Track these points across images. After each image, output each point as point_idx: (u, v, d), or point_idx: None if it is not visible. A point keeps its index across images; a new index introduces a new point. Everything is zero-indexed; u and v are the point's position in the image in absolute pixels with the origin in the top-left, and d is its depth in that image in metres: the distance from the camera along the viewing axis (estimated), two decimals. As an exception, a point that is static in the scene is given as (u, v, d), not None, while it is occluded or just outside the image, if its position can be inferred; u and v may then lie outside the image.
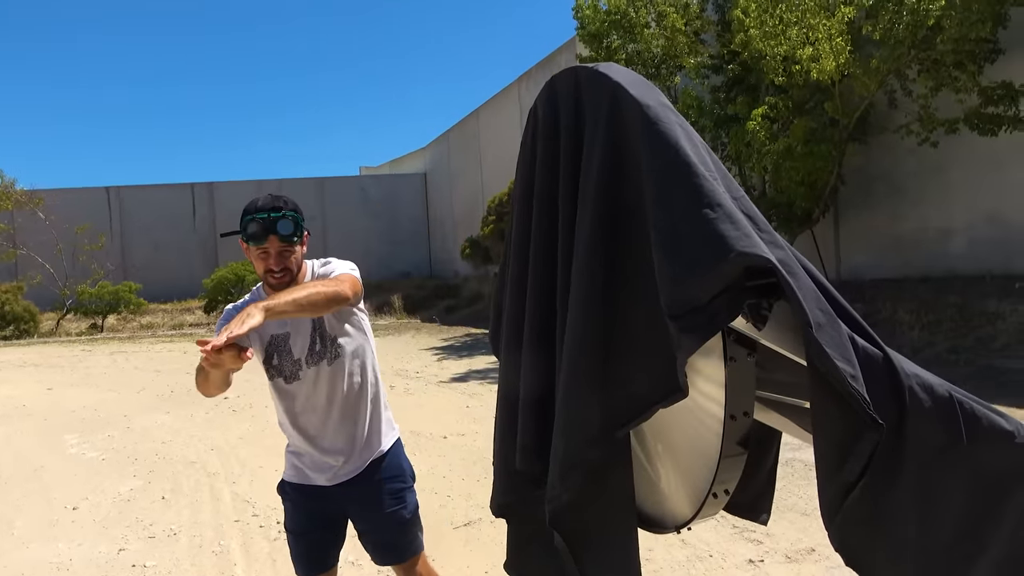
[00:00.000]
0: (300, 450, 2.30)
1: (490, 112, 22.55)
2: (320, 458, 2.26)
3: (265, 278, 2.15)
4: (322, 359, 2.21)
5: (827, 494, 1.15)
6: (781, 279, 1.08)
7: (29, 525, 4.67)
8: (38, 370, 12.36)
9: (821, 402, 1.15)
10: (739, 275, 1.12)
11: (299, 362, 2.21)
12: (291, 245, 2.11)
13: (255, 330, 2.07)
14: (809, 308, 1.10)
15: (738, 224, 1.12)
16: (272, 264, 2.10)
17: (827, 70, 8.77)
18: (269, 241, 2.08)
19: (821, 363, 1.09)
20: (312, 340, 2.21)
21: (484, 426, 6.70)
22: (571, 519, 1.46)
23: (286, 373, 2.22)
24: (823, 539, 3.67)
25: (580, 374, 1.37)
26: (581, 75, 1.49)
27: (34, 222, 21.10)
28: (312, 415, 2.24)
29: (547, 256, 1.56)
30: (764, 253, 1.09)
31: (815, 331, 1.09)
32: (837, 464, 1.13)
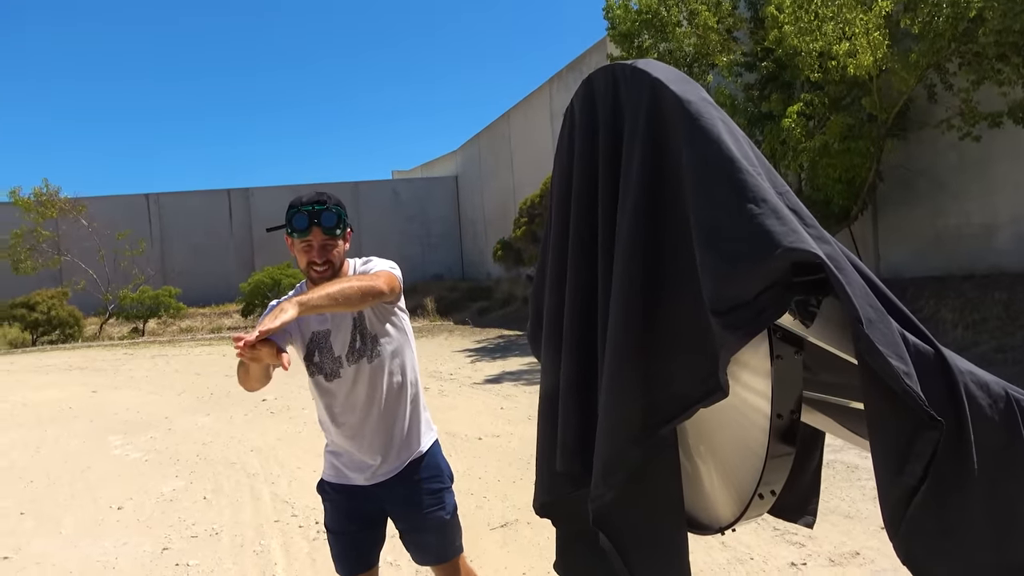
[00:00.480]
0: (339, 449, 2.31)
1: (520, 114, 22.57)
2: (359, 457, 2.27)
3: (308, 271, 2.17)
4: (362, 357, 2.22)
5: (889, 501, 1.10)
6: (830, 274, 1.06)
7: (76, 524, 4.78)
8: (83, 373, 12.66)
9: (875, 402, 1.11)
10: (786, 271, 1.10)
11: (340, 359, 2.22)
12: (334, 238, 2.14)
13: (297, 327, 2.18)
14: (859, 304, 1.07)
15: (784, 219, 1.10)
16: (315, 256, 2.13)
17: (864, 65, 8.61)
18: (313, 233, 2.11)
19: (873, 360, 1.06)
20: (353, 337, 2.22)
21: (518, 427, 6.70)
22: (616, 519, 1.45)
23: (327, 371, 2.22)
24: (867, 542, 3.60)
25: (622, 373, 1.36)
26: (619, 72, 1.48)
27: (77, 229, 21.65)
28: (352, 413, 2.24)
29: (587, 255, 1.55)
30: (812, 248, 1.07)
31: (866, 327, 1.06)
32: (897, 467, 1.08)
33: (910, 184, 10.45)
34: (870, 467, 4.10)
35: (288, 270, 19.29)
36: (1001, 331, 8.10)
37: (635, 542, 1.45)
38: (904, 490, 1.09)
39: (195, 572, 3.88)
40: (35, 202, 20.92)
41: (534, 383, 9.01)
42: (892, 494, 1.09)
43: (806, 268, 1.10)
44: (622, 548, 1.45)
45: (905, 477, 1.08)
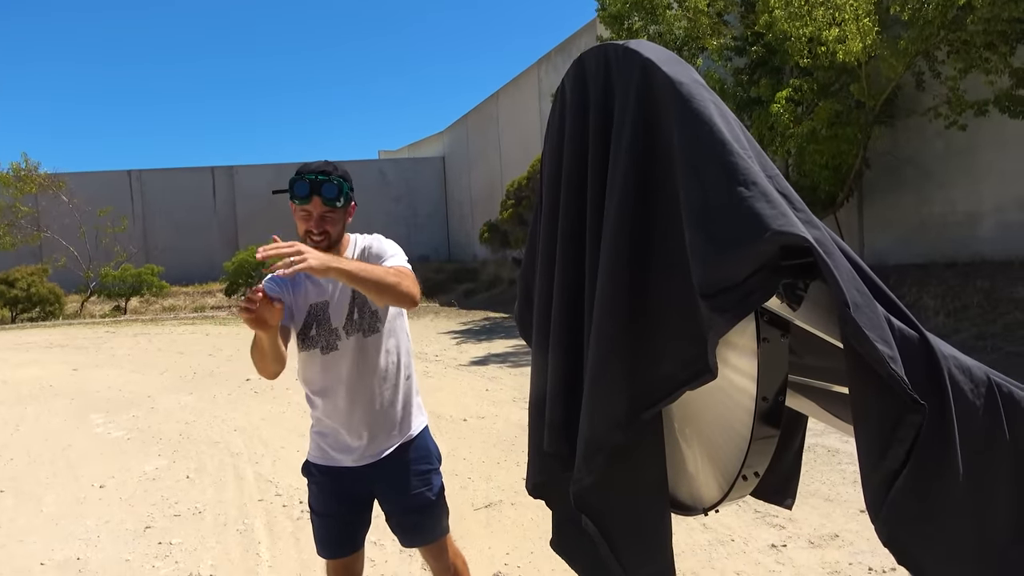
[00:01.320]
0: (327, 429, 2.26)
1: (509, 96, 22.44)
2: (347, 437, 2.23)
3: (304, 239, 2.14)
4: (360, 330, 2.19)
5: (871, 484, 1.11)
6: (818, 258, 1.06)
7: (58, 502, 4.75)
8: (64, 351, 12.55)
9: (860, 387, 1.12)
10: (774, 254, 1.10)
11: (336, 331, 2.18)
12: (333, 209, 2.12)
13: (294, 299, 2.17)
14: (846, 288, 1.07)
15: (774, 203, 1.10)
16: (312, 225, 2.11)
17: (853, 51, 8.62)
18: (312, 202, 2.09)
19: (859, 344, 1.06)
20: (351, 309, 2.19)
21: (503, 409, 6.72)
22: (599, 502, 1.46)
23: (323, 343, 2.19)
24: (846, 525, 3.65)
25: (607, 355, 1.36)
26: (611, 52, 1.47)
27: (57, 205, 21.38)
28: (344, 389, 2.20)
29: (575, 236, 1.55)
30: (800, 232, 1.07)
31: (853, 311, 1.06)
32: (880, 451, 1.09)
33: (896, 171, 10.51)
34: (851, 451, 4.16)
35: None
36: (982, 319, 8.21)
37: (619, 525, 1.45)
38: (886, 473, 1.10)
39: (178, 550, 3.87)
40: (13, 177, 20.60)
41: (519, 365, 9.03)
42: (874, 477, 1.10)
43: (794, 252, 1.10)
44: (606, 531, 1.46)
45: (887, 461, 1.09)
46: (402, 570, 3.50)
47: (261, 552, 3.80)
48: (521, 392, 7.39)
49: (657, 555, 1.45)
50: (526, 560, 3.52)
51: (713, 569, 3.29)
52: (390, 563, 3.56)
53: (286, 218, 2.28)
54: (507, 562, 3.52)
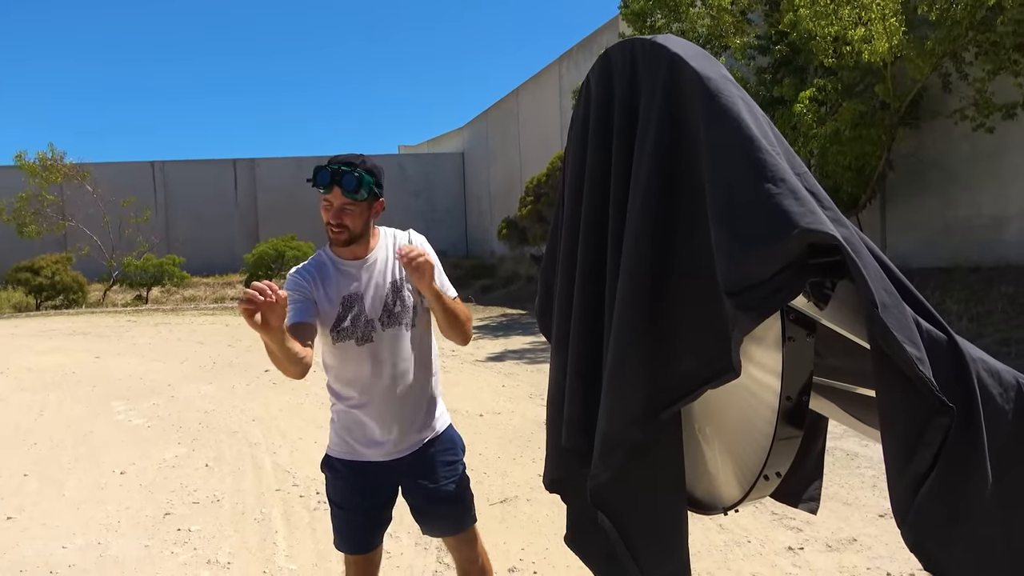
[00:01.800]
0: (354, 423, 2.21)
1: (529, 92, 22.41)
2: (376, 432, 2.20)
3: (326, 230, 2.15)
4: (400, 323, 2.18)
5: (898, 488, 1.09)
6: (846, 257, 1.05)
7: (79, 487, 4.82)
8: (86, 339, 12.72)
9: (887, 389, 1.10)
10: (802, 252, 1.09)
11: (372, 323, 2.16)
12: (354, 202, 2.08)
13: (324, 292, 2.15)
14: (875, 287, 1.06)
15: (802, 200, 1.09)
16: (331, 217, 2.09)
17: (879, 52, 8.52)
18: (333, 192, 2.06)
19: (886, 344, 1.05)
20: (389, 301, 2.18)
21: (519, 405, 6.72)
22: (615, 499, 1.45)
23: (359, 334, 2.15)
24: (864, 529, 3.62)
25: (627, 351, 1.35)
26: (637, 47, 1.46)
27: (82, 195, 21.65)
28: (379, 382, 2.17)
29: (599, 231, 1.54)
30: (829, 230, 1.06)
31: (880, 311, 1.05)
32: (906, 454, 1.07)
33: (920, 174, 10.38)
34: (870, 455, 4.14)
35: (292, 242, 19.27)
36: (1006, 324, 8.09)
37: (635, 523, 1.45)
38: (913, 477, 1.08)
39: (196, 538, 3.92)
40: (40, 167, 20.89)
41: (536, 362, 9.03)
42: (900, 481, 1.08)
43: (822, 250, 1.09)
44: (622, 528, 1.45)
45: (914, 464, 1.08)
46: (418, 562, 3.52)
47: (278, 541, 3.84)
48: (537, 388, 7.39)
49: (673, 554, 1.45)
50: (541, 556, 3.53)
51: (729, 570, 3.27)
52: (406, 555, 3.58)
53: (306, 211, 2.31)
54: (522, 557, 3.53)
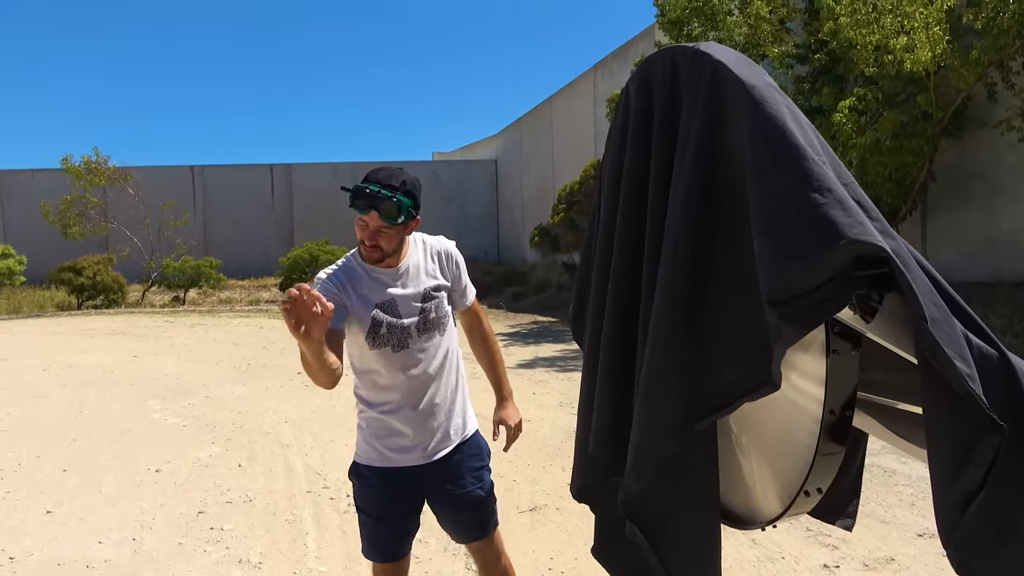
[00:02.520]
0: (385, 430, 2.22)
1: (563, 100, 22.42)
2: (409, 438, 2.21)
3: (359, 246, 2.18)
4: (434, 329, 2.22)
5: (944, 506, 1.05)
6: (895, 269, 1.02)
7: (116, 484, 4.91)
8: (125, 338, 12.99)
9: (935, 405, 1.07)
10: (849, 264, 1.06)
11: (408, 329, 2.18)
12: (391, 226, 2.09)
13: (357, 298, 2.16)
14: (924, 301, 1.03)
15: (850, 210, 1.07)
16: (366, 237, 2.11)
17: (922, 61, 8.36)
18: (370, 215, 2.07)
19: (935, 359, 1.02)
20: (422, 308, 2.22)
21: (549, 413, 6.70)
22: (646, 510, 1.43)
23: (394, 341, 2.17)
24: (903, 549, 3.53)
25: (664, 361, 1.33)
26: (679, 54, 1.45)
27: (124, 197, 22.15)
28: (414, 388, 2.20)
29: (634, 240, 1.53)
30: (877, 241, 1.03)
31: (930, 325, 1.02)
32: (954, 473, 1.04)
33: (963, 185, 10.15)
34: (908, 472, 4.04)
35: (326, 246, 19.49)
36: (1051, 341, 7.86)
37: (667, 534, 1.43)
38: (960, 496, 1.05)
39: (229, 537, 3.96)
40: (84, 170, 21.42)
41: (567, 369, 9.00)
42: (947, 500, 1.05)
43: (869, 262, 1.07)
44: (653, 540, 1.43)
45: (962, 483, 1.04)
46: (446, 568, 3.51)
47: (308, 543, 3.86)
48: (568, 396, 7.36)
49: (706, 569, 1.42)
50: (570, 565, 3.50)
51: (761, 586, 3.21)
52: (434, 560, 3.58)
53: (341, 217, 2.34)
54: (551, 567, 3.50)
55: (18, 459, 5.51)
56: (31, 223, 23.13)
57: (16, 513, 4.38)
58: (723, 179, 1.28)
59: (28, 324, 15.85)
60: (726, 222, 1.27)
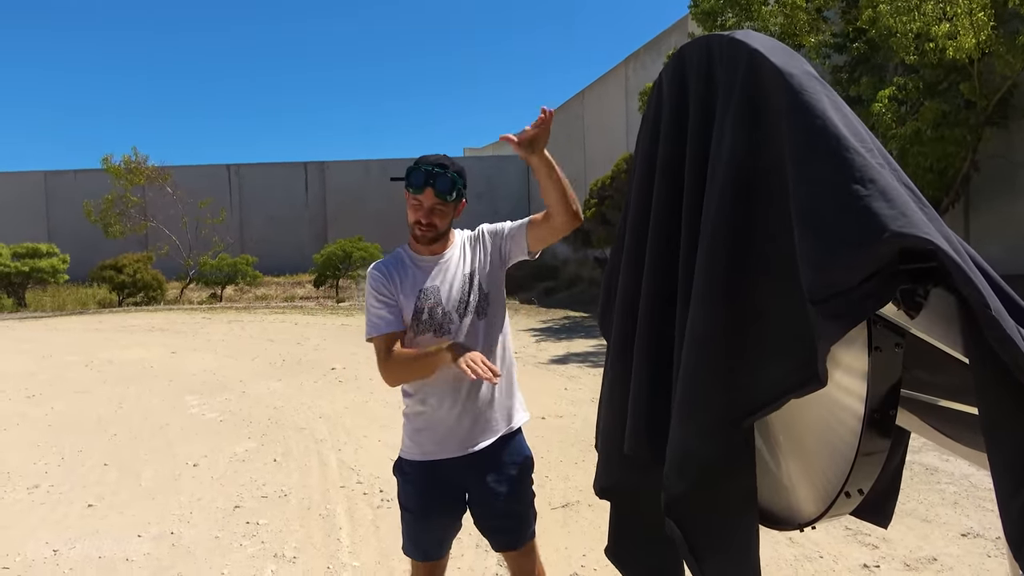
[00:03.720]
0: (427, 422, 2.23)
1: (595, 94, 22.27)
2: (450, 427, 2.20)
3: (412, 228, 2.21)
4: (473, 312, 2.22)
5: (1011, 513, 0.99)
6: (948, 261, 0.98)
7: (155, 477, 5.00)
8: (164, 335, 13.24)
9: (995, 402, 1.01)
10: (892, 257, 1.02)
11: (449, 314, 2.20)
12: (444, 203, 2.16)
13: (399, 285, 2.21)
14: (986, 291, 0.98)
15: (893, 202, 1.02)
16: (421, 216, 2.16)
17: (965, 48, 8.12)
18: (425, 193, 2.14)
19: (1004, 351, 0.96)
20: (465, 291, 2.23)
21: (582, 409, 6.66)
22: (688, 509, 1.40)
23: (436, 325, 2.19)
24: (946, 548, 3.44)
25: (704, 360, 1.30)
26: (714, 43, 1.41)
27: (162, 196, 22.55)
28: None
29: (669, 236, 1.49)
30: (923, 234, 0.98)
31: (996, 315, 0.97)
32: (1019, 476, 0.98)
33: (1009, 176, 9.85)
34: (951, 470, 3.93)
35: (359, 243, 19.64)
36: (1102, 336, 7.59)
37: (706, 533, 1.40)
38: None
39: (264, 531, 4.01)
40: (125, 169, 21.85)
41: (599, 365, 8.95)
42: (1012, 505, 0.99)
43: (914, 255, 1.02)
44: (692, 538, 1.40)
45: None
46: (478, 565, 3.51)
47: (342, 538, 3.89)
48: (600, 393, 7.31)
49: (744, 567, 1.39)
50: (603, 563, 3.46)
51: (799, 586, 3.15)
52: (467, 556, 3.58)
53: (373, 214, 2.35)
54: (584, 564, 3.48)
55: (61, 453, 5.65)
56: (75, 222, 23.70)
57: (59, 506, 4.48)
58: (762, 171, 1.24)
59: (71, 321, 16.25)
60: (765, 214, 1.23)
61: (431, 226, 2.17)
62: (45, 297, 20.00)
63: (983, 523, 3.74)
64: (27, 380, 8.81)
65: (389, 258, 2.31)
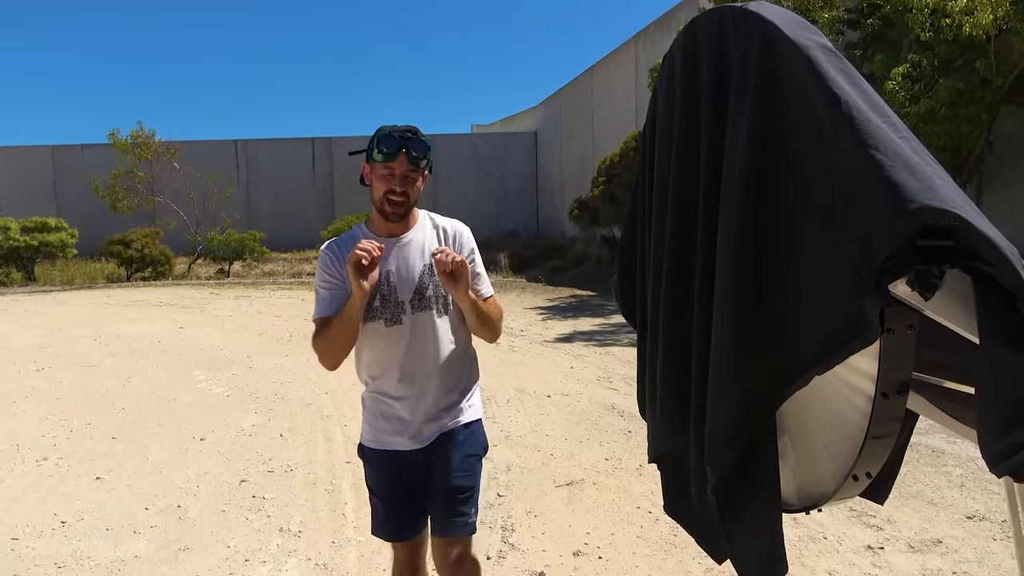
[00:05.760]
0: (382, 407, 2.17)
1: (604, 71, 22.04)
2: (402, 417, 2.14)
3: (382, 202, 2.09)
4: (431, 308, 2.12)
5: (990, 448, 0.99)
6: (979, 239, 0.94)
7: (162, 451, 5.04)
8: (172, 310, 13.29)
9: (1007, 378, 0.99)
10: (913, 232, 0.98)
11: (402, 304, 2.10)
12: (417, 169, 2.07)
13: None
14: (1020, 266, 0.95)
15: (918, 174, 0.99)
16: (396, 184, 2.05)
17: (983, 24, 7.97)
18: (398, 160, 2.04)
19: None
20: (420, 284, 2.12)
21: (587, 388, 6.66)
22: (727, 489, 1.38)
23: (387, 316, 2.10)
24: (951, 531, 3.43)
25: (732, 345, 1.26)
26: (727, 15, 1.37)
27: (170, 171, 22.54)
28: (406, 365, 2.11)
29: (688, 210, 1.46)
30: (950, 208, 0.95)
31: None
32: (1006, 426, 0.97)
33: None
34: (958, 452, 3.91)
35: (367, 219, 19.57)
36: (1114, 318, 7.53)
37: (735, 506, 1.36)
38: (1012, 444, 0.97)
39: (270, 505, 4.03)
40: (132, 144, 21.82)
41: (605, 344, 8.94)
42: (995, 445, 0.97)
43: (932, 232, 0.99)
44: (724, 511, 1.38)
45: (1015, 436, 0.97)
46: (482, 540, 3.52)
47: (347, 512, 3.91)
48: (606, 371, 7.31)
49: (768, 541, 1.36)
50: (607, 541, 3.48)
51: (804, 567, 3.15)
52: (471, 533, 3.58)
53: None
54: (587, 542, 3.49)
55: (70, 427, 5.69)
56: (83, 197, 23.74)
57: (68, 479, 4.52)
58: (779, 146, 1.20)
59: (80, 295, 16.33)
60: (786, 190, 1.20)
61: (405, 195, 2.06)
62: (54, 271, 20.08)
63: (989, 506, 3.73)
64: (36, 354, 8.87)
65: (344, 236, 2.21)
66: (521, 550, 3.40)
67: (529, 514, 3.81)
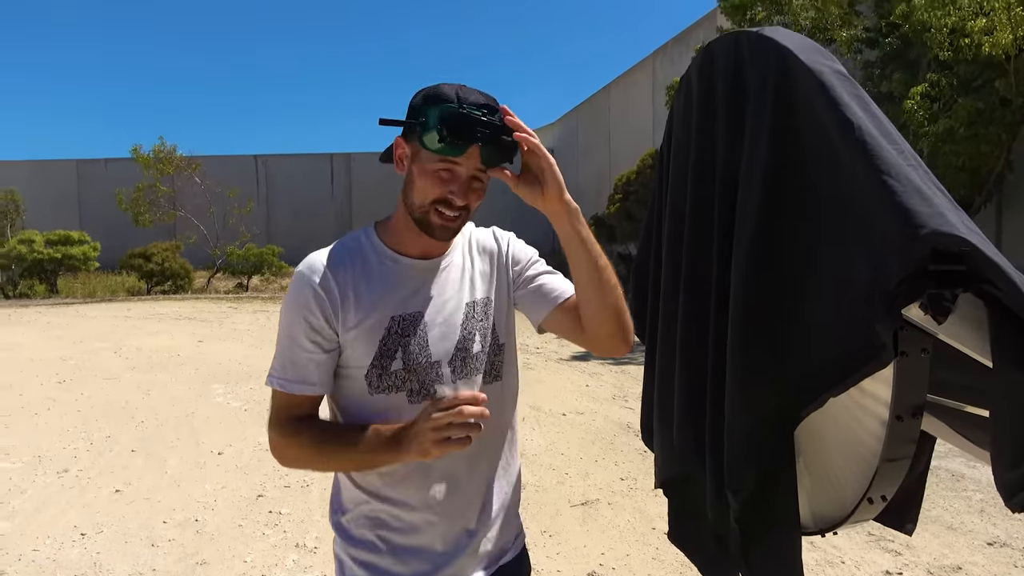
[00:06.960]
0: (390, 538, 1.37)
1: (621, 88, 22.13)
2: (432, 548, 1.36)
3: (429, 210, 1.28)
4: (477, 372, 1.35)
5: (1004, 480, 0.98)
6: (986, 263, 0.95)
7: (180, 465, 5.08)
8: (191, 323, 13.42)
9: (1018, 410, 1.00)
10: (924, 257, 1.00)
11: (438, 367, 1.31)
12: (485, 172, 1.30)
13: (356, 305, 1.30)
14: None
15: (929, 200, 1.00)
16: (456, 190, 1.26)
17: (1002, 44, 7.94)
18: (469, 154, 1.25)
19: None
20: (467, 335, 1.34)
21: (603, 406, 6.65)
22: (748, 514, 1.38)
23: (413, 384, 1.30)
24: (971, 557, 3.38)
25: (747, 367, 1.27)
26: (743, 40, 1.39)
27: (191, 186, 22.83)
28: (444, 464, 1.32)
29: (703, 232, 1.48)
30: (961, 234, 0.96)
31: None
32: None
33: (1044, 176, 9.62)
34: (978, 477, 3.88)
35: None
36: None
37: (756, 532, 1.37)
38: None
39: (286, 520, 4.05)
40: (154, 159, 22.15)
41: (621, 362, 8.91)
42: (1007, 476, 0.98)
43: (943, 258, 1.00)
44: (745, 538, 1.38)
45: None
46: None
47: (362, 528, 3.92)
48: (621, 390, 7.28)
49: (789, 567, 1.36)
50: (621, 562, 3.46)
51: (820, 589, 3.12)
52: None
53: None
54: (602, 562, 3.47)
55: (90, 439, 5.75)
56: (105, 211, 24.14)
57: (88, 491, 4.57)
58: (793, 171, 1.22)
59: (101, 308, 16.53)
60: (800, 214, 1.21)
61: (465, 208, 1.29)
62: (76, 284, 20.35)
63: (1010, 532, 3.67)
64: (58, 365, 8.99)
65: (338, 248, 1.35)
66: (536, 570, 3.39)
67: (544, 533, 3.80)
